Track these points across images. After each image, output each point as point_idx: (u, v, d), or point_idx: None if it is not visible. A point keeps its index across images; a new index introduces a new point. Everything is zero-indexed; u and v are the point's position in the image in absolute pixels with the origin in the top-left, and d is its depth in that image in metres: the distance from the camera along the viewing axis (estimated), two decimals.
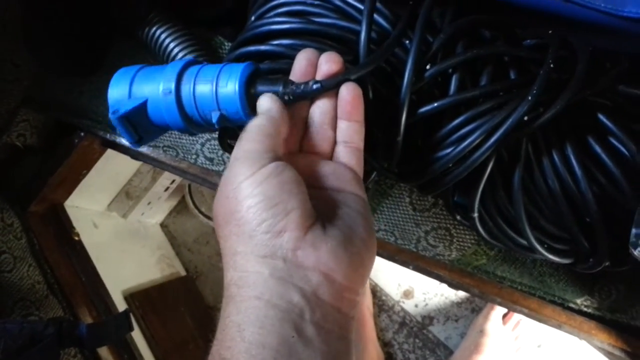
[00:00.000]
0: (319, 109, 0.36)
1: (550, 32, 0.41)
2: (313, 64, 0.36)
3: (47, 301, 0.72)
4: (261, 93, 0.36)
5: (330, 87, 0.35)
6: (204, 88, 0.36)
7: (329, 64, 0.35)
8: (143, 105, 0.37)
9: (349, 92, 0.35)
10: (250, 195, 0.30)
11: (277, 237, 0.29)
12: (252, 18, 0.47)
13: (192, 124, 0.38)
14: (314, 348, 0.28)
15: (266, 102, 0.35)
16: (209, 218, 1.26)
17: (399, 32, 0.39)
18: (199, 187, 1.26)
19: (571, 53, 0.39)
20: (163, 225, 1.46)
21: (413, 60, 0.38)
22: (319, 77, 0.35)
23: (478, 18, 0.41)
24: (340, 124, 0.36)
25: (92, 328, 0.60)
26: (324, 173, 0.35)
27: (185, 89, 0.36)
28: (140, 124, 0.38)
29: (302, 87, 0.35)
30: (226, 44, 0.61)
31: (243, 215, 0.30)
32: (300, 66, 0.36)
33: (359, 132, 0.36)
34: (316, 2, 0.43)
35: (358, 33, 0.39)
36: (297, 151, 0.37)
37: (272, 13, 0.45)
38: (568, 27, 0.41)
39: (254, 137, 0.33)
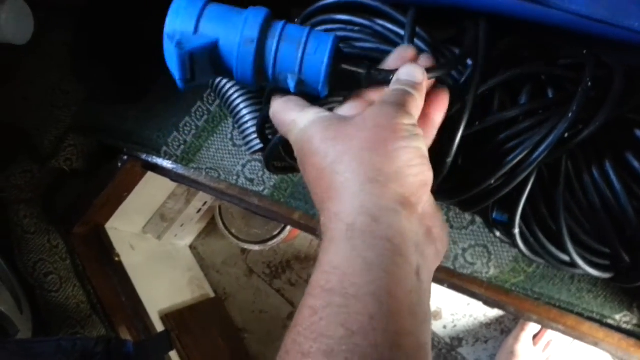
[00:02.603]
0: None
1: (584, 52, 0.42)
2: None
3: (91, 320, 0.74)
4: (344, 69, 0.36)
5: None
6: (290, 49, 0.35)
7: (424, 60, 0.37)
8: (213, 46, 0.35)
9: (437, 96, 0.37)
10: (407, 148, 0.31)
11: (424, 187, 0.32)
12: None
13: (260, 78, 0.37)
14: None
15: (421, 74, 0.35)
16: (240, 239, 1.28)
17: (470, 47, 0.40)
18: (229, 209, 1.28)
19: (606, 72, 0.41)
20: (192, 247, 1.49)
21: (476, 83, 0.39)
22: None
23: (516, 40, 0.42)
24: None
25: (138, 346, 0.62)
26: None
27: (269, 43, 0.35)
28: (200, 64, 0.36)
29: (384, 74, 0.36)
30: None
31: (399, 158, 0.31)
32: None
33: (430, 132, 0.37)
34: (356, 28, 0.45)
35: None
36: None
37: None
38: (601, 46, 0.43)
39: (403, 100, 0.33)
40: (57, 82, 0.72)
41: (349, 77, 0.37)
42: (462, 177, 0.42)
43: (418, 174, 0.31)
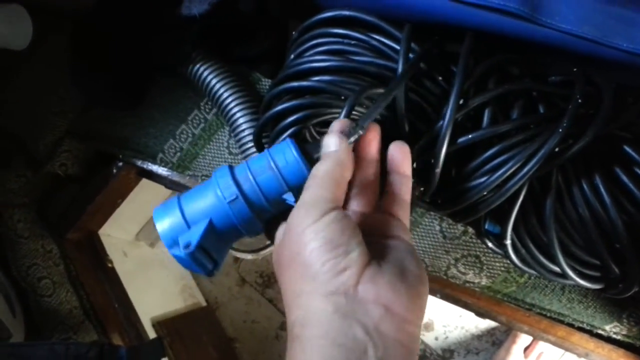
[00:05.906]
0: (362, 175, 0.38)
1: (574, 69, 0.43)
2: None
3: (84, 326, 0.74)
4: (312, 154, 0.37)
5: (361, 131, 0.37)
6: (266, 175, 0.37)
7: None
8: (210, 225, 0.36)
9: (397, 149, 0.38)
10: (314, 239, 0.32)
11: (339, 275, 0.31)
12: (292, 56, 0.50)
13: (264, 216, 0.38)
14: None
15: (334, 142, 0.36)
16: (232, 248, 1.28)
17: (407, 69, 0.41)
18: None
19: (596, 89, 0.42)
20: None
21: (456, 97, 0.40)
22: None
23: (507, 57, 0.44)
24: (390, 177, 0.38)
25: (131, 352, 0.62)
26: (371, 224, 0.37)
27: (247, 186, 0.37)
28: (212, 246, 0.37)
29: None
30: (263, 80, 0.64)
31: (307, 258, 0.32)
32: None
33: (406, 184, 0.38)
34: (353, 42, 0.46)
35: (394, 70, 0.42)
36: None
37: (312, 52, 0.48)
38: (591, 64, 0.44)
39: (320, 183, 0.34)
40: (55, 87, 0.73)
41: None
42: (454, 189, 0.43)
43: (332, 267, 0.32)
